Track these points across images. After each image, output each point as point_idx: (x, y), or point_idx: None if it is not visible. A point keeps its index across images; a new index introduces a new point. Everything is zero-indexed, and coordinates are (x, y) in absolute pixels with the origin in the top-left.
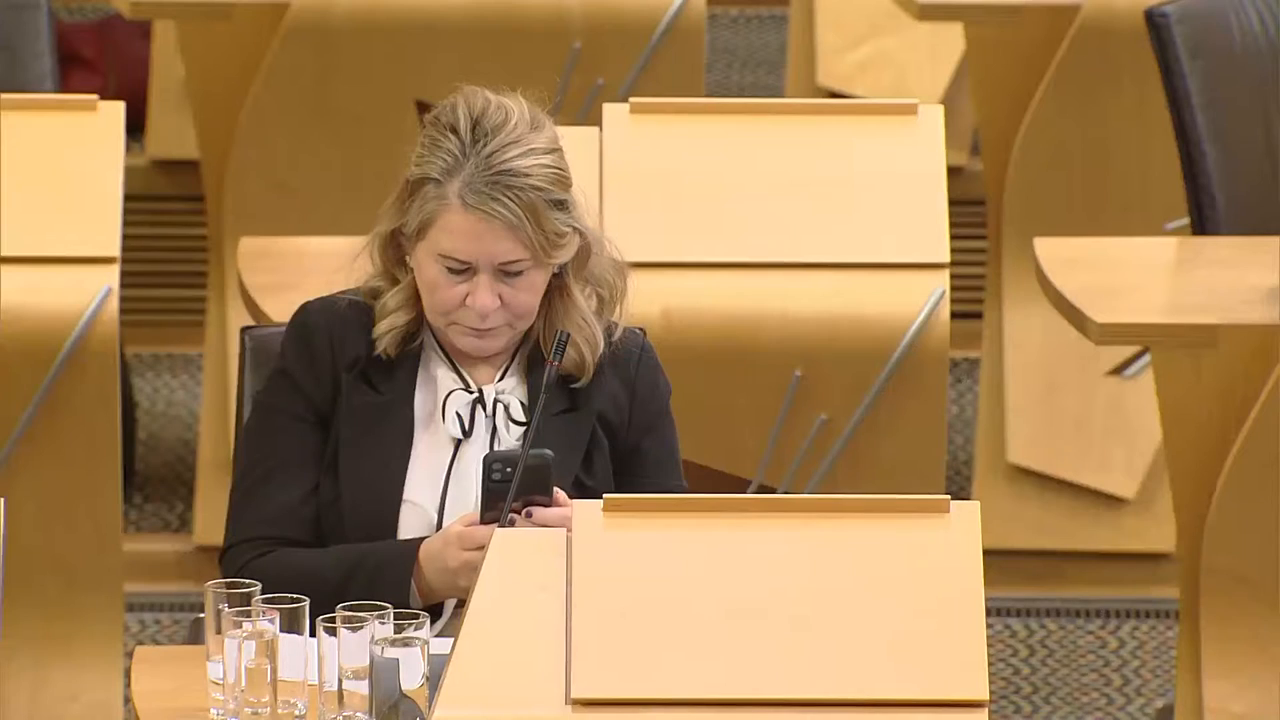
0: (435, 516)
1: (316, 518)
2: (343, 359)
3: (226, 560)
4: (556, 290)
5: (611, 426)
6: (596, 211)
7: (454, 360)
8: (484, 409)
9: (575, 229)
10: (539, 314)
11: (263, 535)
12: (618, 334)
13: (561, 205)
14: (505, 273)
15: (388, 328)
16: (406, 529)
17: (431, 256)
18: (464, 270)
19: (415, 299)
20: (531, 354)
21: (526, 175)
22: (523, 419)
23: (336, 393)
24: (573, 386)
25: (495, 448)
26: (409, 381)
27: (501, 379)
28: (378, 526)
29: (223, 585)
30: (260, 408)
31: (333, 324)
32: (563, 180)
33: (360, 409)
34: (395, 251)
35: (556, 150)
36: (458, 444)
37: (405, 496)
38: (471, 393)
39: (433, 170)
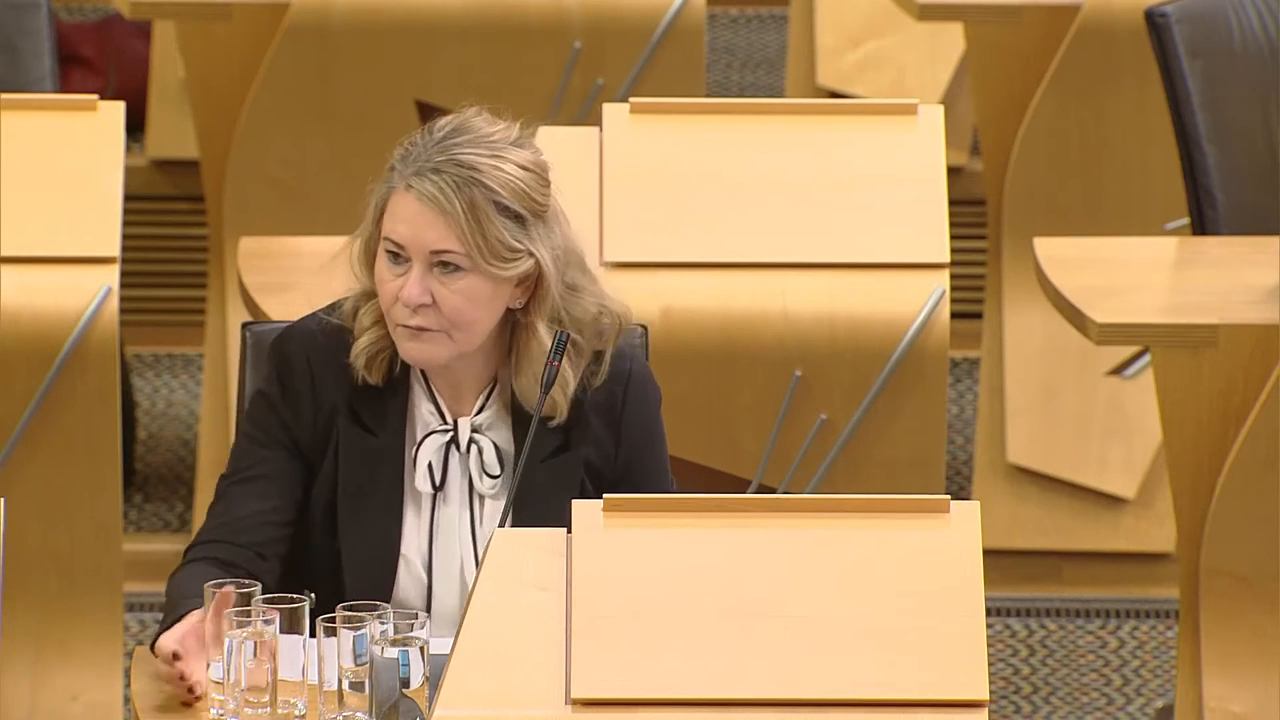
0: (424, 575)
1: (261, 529)
2: (324, 397)
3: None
4: (523, 327)
5: (597, 471)
6: (596, 216)
7: (433, 389)
8: (459, 448)
9: (530, 253)
10: (506, 354)
11: (202, 541)
12: (600, 379)
13: (516, 219)
14: (439, 266)
15: (363, 346)
16: (403, 587)
17: (382, 247)
18: (404, 261)
19: None
20: (513, 402)
21: (474, 169)
22: (496, 471)
23: (316, 429)
24: (551, 426)
25: (474, 505)
26: (399, 419)
27: (479, 412)
28: (375, 585)
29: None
30: (241, 423)
31: (311, 360)
32: (524, 196)
33: (356, 455)
34: (371, 258)
35: (530, 170)
36: (435, 497)
37: (403, 551)
38: (446, 428)
39: (395, 159)
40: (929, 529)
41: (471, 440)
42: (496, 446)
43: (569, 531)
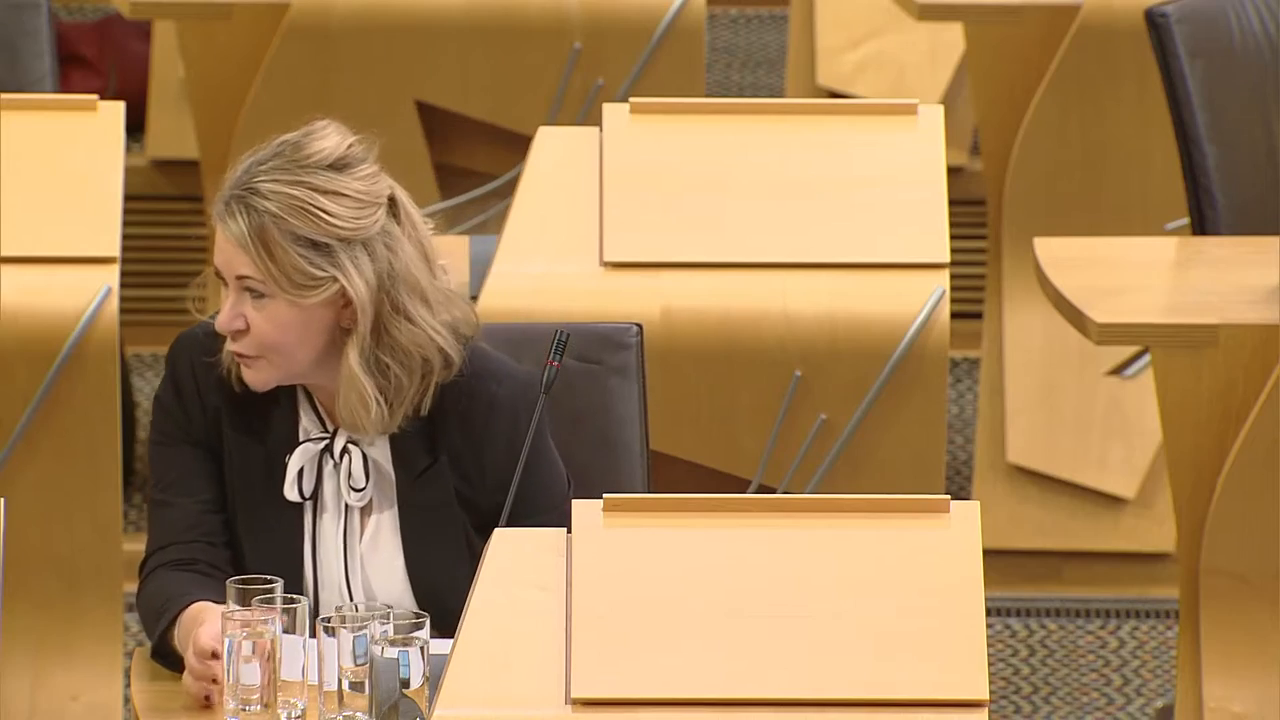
0: (311, 582)
1: (202, 520)
2: (209, 400)
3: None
4: (341, 346)
5: (466, 498)
6: (596, 216)
7: (314, 398)
8: (333, 458)
9: (335, 279)
10: (326, 371)
11: (154, 551)
12: (427, 404)
13: (317, 246)
14: (249, 292)
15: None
16: (306, 591)
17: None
18: (227, 287)
19: None
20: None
21: (266, 199)
22: (361, 484)
23: (208, 430)
24: (413, 442)
25: (347, 516)
26: (284, 426)
27: None
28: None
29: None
30: (149, 433)
31: (195, 364)
32: (325, 223)
33: (244, 462)
34: None
35: (341, 195)
36: (315, 505)
37: (304, 553)
38: (323, 436)
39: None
40: (929, 529)
41: (345, 451)
42: (366, 458)
43: (569, 531)
